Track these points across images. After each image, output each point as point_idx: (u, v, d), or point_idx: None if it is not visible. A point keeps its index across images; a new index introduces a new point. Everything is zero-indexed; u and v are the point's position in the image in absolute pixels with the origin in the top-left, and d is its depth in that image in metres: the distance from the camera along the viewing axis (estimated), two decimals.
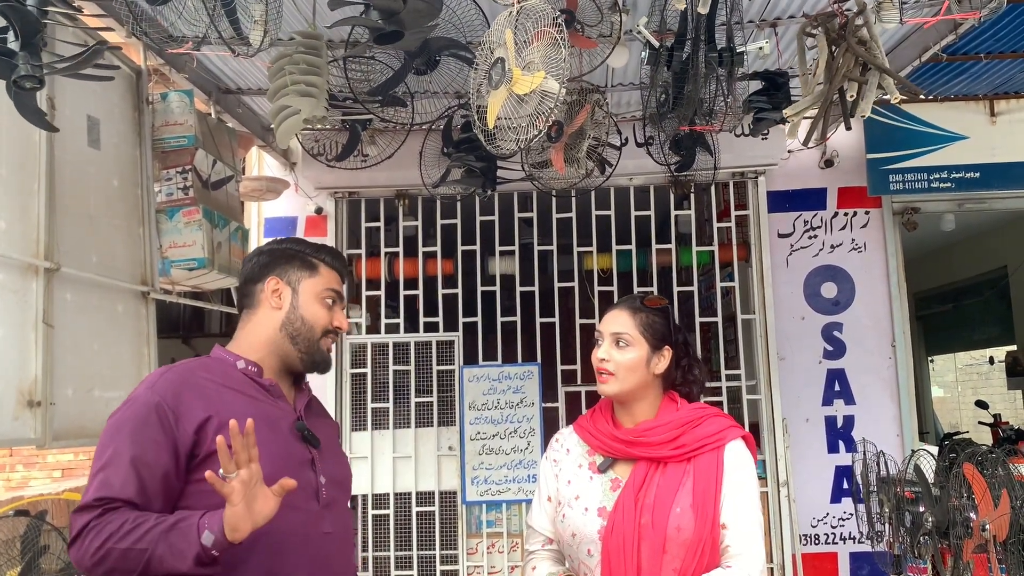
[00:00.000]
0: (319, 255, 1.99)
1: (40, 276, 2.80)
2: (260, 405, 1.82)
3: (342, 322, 1.98)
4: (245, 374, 1.86)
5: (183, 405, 1.71)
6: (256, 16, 2.59)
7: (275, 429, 1.80)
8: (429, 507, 5.03)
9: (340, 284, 2.01)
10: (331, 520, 1.85)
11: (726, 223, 5.22)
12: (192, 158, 3.69)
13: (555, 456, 2.15)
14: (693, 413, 2.04)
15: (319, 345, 1.93)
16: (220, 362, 1.88)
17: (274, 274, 1.94)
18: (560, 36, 2.45)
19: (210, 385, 1.78)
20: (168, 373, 1.78)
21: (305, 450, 1.85)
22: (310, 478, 1.82)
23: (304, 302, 1.93)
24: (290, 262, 1.96)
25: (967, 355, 13.29)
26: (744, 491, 1.95)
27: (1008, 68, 4.48)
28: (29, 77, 2.25)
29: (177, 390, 1.73)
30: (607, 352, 2.03)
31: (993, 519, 3.15)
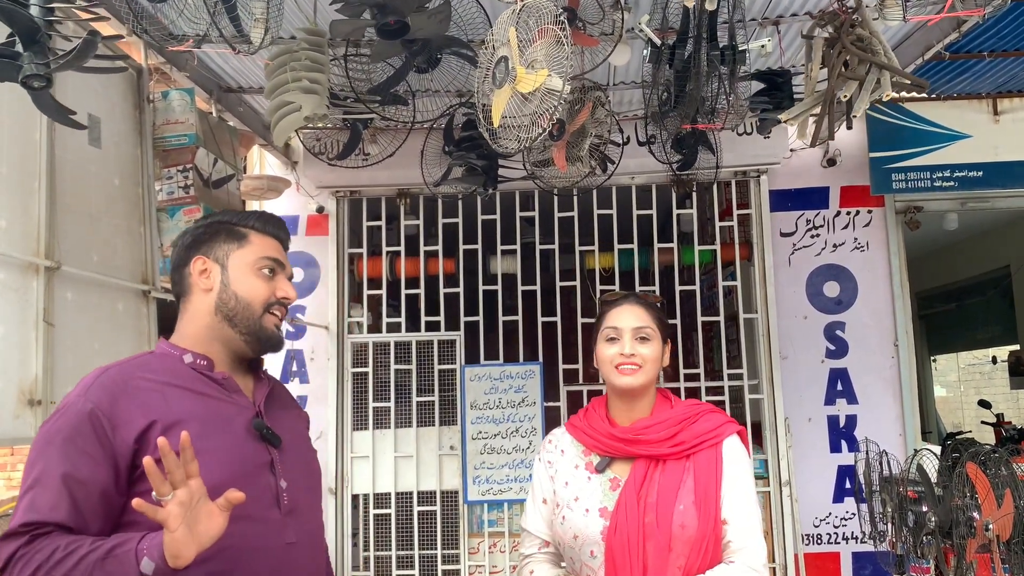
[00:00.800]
0: (247, 222, 1.80)
1: (41, 275, 2.80)
2: (211, 403, 1.65)
3: (286, 291, 1.78)
4: (194, 368, 1.69)
5: (120, 411, 1.54)
6: (257, 14, 2.59)
7: (229, 429, 1.64)
8: (431, 507, 5.02)
9: (278, 250, 1.81)
10: (295, 528, 1.68)
11: (728, 222, 5.21)
12: (193, 157, 3.69)
13: (549, 458, 2.14)
14: (689, 410, 2.04)
15: (262, 323, 1.74)
16: (165, 358, 1.70)
17: (199, 253, 1.76)
18: (564, 34, 2.44)
19: (152, 386, 1.60)
20: (103, 376, 1.60)
21: (264, 451, 1.68)
22: (269, 483, 1.66)
23: (236, 277, 1.74)
24: (215, 237, 1.77)
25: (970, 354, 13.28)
26: (742, 486, 1.96)
27: (1012, 66, 4.47)
28: (35, 76, 2.25)
29: (113, 395, 1.56)
30: (632, 347, 2.02)
31: (996, 519, 3.14)
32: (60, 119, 2.53)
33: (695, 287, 5.16)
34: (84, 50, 2.29)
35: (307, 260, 5.23)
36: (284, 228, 1.87)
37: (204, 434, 1.56)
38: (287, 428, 1.78)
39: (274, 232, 1.83)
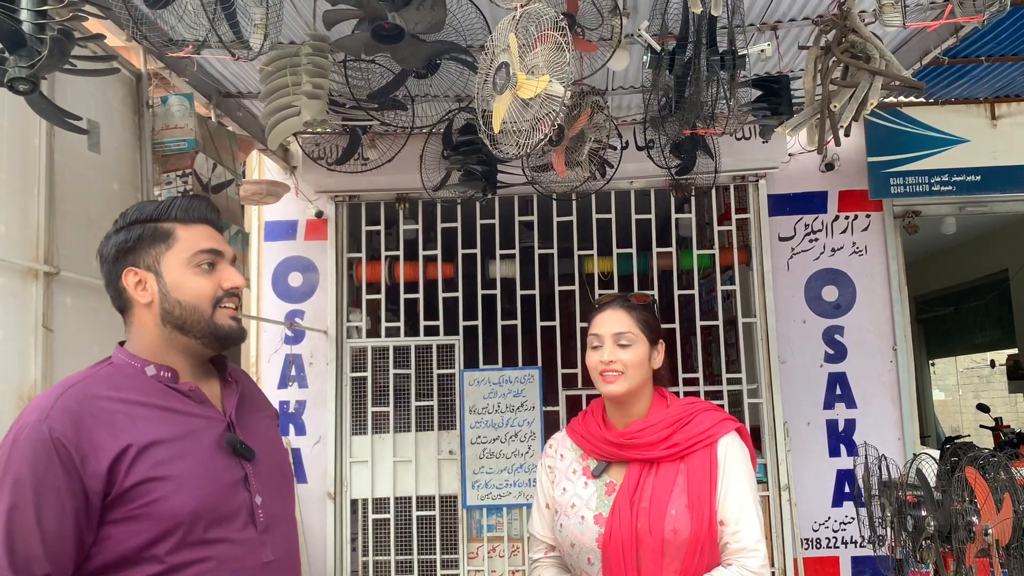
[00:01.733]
0: (169, 216, 1.62)
1: (40, 280, 2.80)
2: (180, 419, 1.54)
3: (233, 280, 1.63)
4: (159, 380, 1.57)
5: (86, 439, 1.41)
6: (256, 20, 2.59)
7: (200, 448, 1.53)
8: (430, 511, 5.02)
9: (211, 237, 1.64)
10: (272, 545, 1.59)
11: (727, 226, 5.21)
12: (192, 162, 3.69)
13: (550, 462, 2.13)
14: (684, 410, 2.01)
15: (215, 322, 1.60)
16: (126, 369, 1.57)
17: (128, 265, 1.60)
18: (564, 40, 2.45)
19: (117, 406, 1.48)
20: (63, 399, 1.45)
21: (237, 466, 1.57)
22: (244, 500, 1.56)
23: (174, 282, 1.58)
24: (140, 243, 1.60)
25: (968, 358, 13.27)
26: (739, 486, 1.91)
27: (1009, 71, 4.48)
28: (19, 79, 2.23)
29: (77, 419, 1.42)
30: (612, 353, 1.99)
31: (996, 523, 3.14)
32: (56, 121, 2.53)
33: (694, 291, 5.17)
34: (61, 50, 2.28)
35: (306, 264, 5.23)
36: (211, 207, 1.69)
37: (176, 456, 1.48)
38: (259, 435, 1.68)
39: (200, 217, 1.65)
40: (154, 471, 1.44)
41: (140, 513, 1.43)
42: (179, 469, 1.47)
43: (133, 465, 1.43)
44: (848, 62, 2.86)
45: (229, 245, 1.68)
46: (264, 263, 5.21)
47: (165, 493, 1.44)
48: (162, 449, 1.46)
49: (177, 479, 1.45)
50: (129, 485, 1.42)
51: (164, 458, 1.46)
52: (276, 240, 5.23)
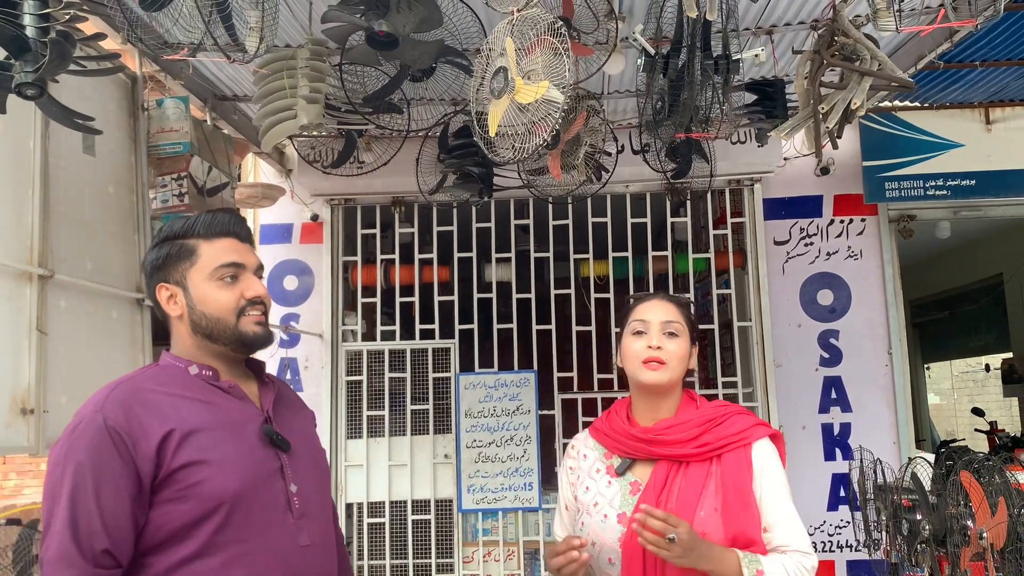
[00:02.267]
0: (193, 232, 1.74)
1: (34, 283, 2.79)
2: (221, 412, 1.66)
3: (255, 291, 1.74)
4: (201, 379, 1.71)
5: (136, 425, 1.56)
6: (252, 23, 2.59)
7: (240, 438, 1.65)
8: (425, 515, 5.01)
9: (233, 250, 1.74)
10: (308, 531, 1.70)
11: (722, 230, 5.22)
12: (187, 165, 3.68)
13: (571, 463, 2.08)
14: (716, 411, 1.95)
15: (240, 329, 1.71)
16: (171, 369, 1.72)
17: (160, 281, 1.75)
18: (562, 45, 2.45)
19: (163, 398, 1.62)
20: (115, 392, 1.61)
21: (274, 456, 1.69)
22: (280, 488, 1.68)
23: (199, 295, 1.71)
24: (168, 260, 1.74)
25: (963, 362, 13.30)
26: (782, 490, 1.87)
27: (1004, 76, 4.50)
28: (26, 84, 2.24)
29: (127, 409, 1.57)
30: (660, 340, 1.93)
31: (990, 527, 3.14)
32: (67, 123, 2.52)
33: (689, 295, 5.17)
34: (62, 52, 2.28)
35: (301, 268, 5.22)
36: (236, 220, 1.78)
37: (217, 443, 1.60)
38: (295, 431, 1.79)
39: (223, 231, 1.75)
40: (197, 455, 1.57)
41: (185, 494, 1.55)
42: (220, 454, 1.59)
43: (179, 448, 1.56)
44: (834, 64, 2.88)
45: (252, 255, 1.78)
46: None
47: (208, 475, 1.57)
48: (204, 436, 1.59)
49: (219, 463, 1.58)
50: (175, 467, 1.55)
51: (206, 443, 1.59)
52: (271, 243, 5.23)
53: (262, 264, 1.81)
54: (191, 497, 1.55)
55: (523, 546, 4.98)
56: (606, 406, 5.16)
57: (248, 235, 1.80)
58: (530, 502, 4.93)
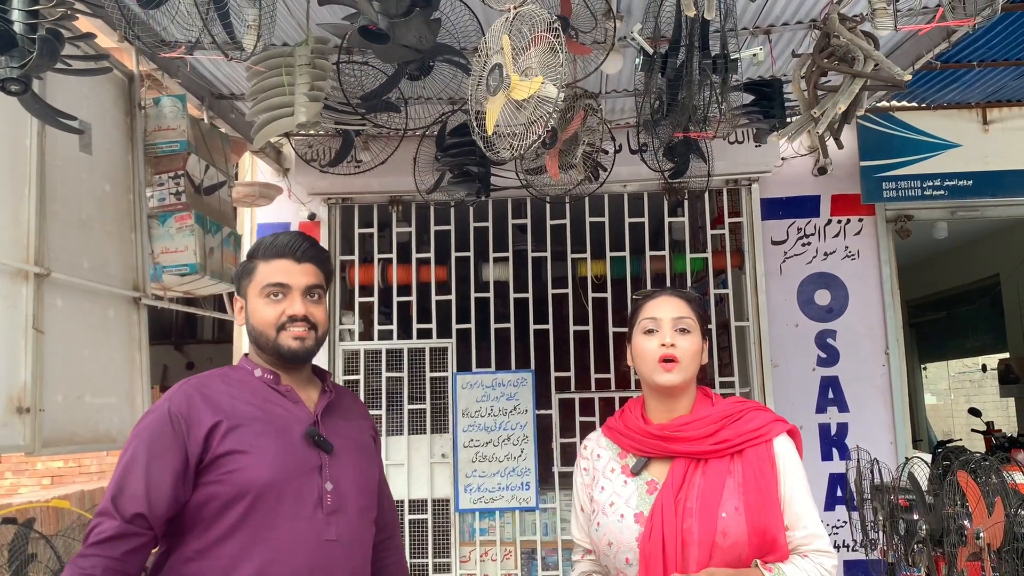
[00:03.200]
0: (255, 254, 1.97)
1: (30, 281, 2.78)
2: (273, 410, 1.86)
3: (294, 309, 1.91)
4: (263, 381, 1.92)
5: (194, 413, 1.78)
6: (249, 20, 2.58)
7: (284, 435, 1.83)
8: (422, 515, 5.01)
9: (284, 272, 1.93)
10: (336, 527, 1.85)
11: (720, 230, 5.22)
12: (184, 163, 3.68)
13: (585, 464, 2.03)
14: (733, 407, 1.91)
15: (278, 342, 1.90)
16: (240, 371, 1.95)
17: (237, 295, 2.01)
18: (558, 42, 2.45)
19: (223, 394, 1.84)
20: (185, 385, 1.85)
21: (315, 456, 1.86)
22: (315, 485, 1.84)
23: (252, 308, 1.94)
24: (241, 277, 1.99)
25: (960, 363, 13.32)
26: (803, 489, 1.83)
27: (1001, 76, 4.50)
28: (11, 80, 2.23)
29: (190, 399, 1.80)
30: (672, 337, 1.90)
31: (987, 527, 3.15)
32: (49, 121, 2.52)
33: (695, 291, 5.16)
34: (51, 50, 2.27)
35: None
36: (292, 244, 1.96)
37: (260, 434, 1.80)
38: (344, 436, 1.95)
39: (278, 253, 1.94)
40: (239, 445, 1.77)
41: (223, 479, 1.75)
42: (260, 446, 1.78)
43: (224, 437, 1.76)
44: (825, 67, 2.88)
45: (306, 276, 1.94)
46: None
47: (245, 464, 1.76)
48: (249, 429, 1.79)
49: (257, 454, 1.77)
50: (219, 453, 1.75)
51: (249, 436, 1.79)
52: None
53: (319, 283, 1.97)
54: (228, 482, 1.74)
55: (520, 546, 4.98)
56: (603, 406, 5.19)
57: (308, 255, 1.96)
58: (527, 502, 4.93)
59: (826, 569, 1.77)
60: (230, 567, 1.73)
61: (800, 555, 1.78)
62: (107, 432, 3.17)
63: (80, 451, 4.62)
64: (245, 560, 1.73)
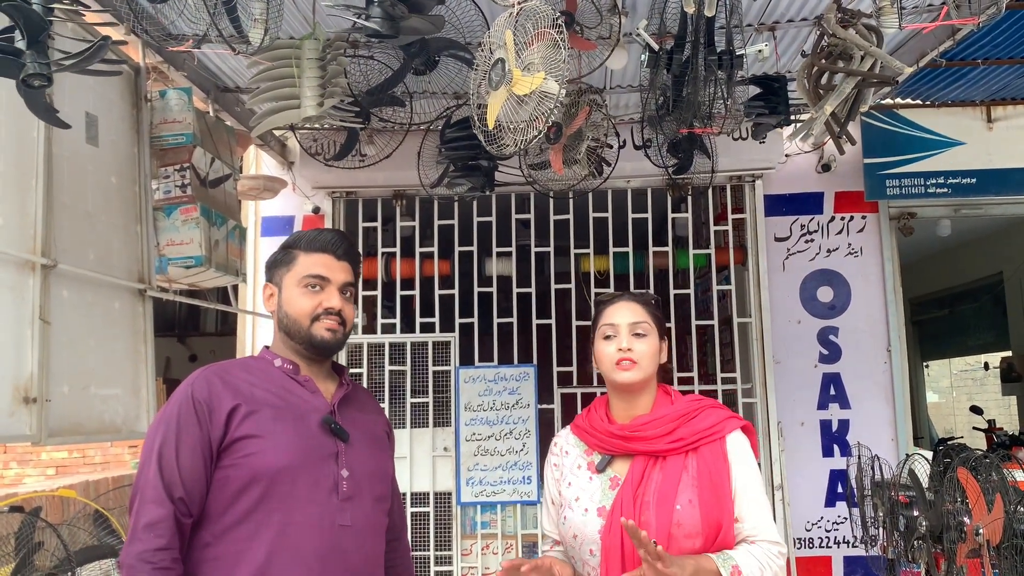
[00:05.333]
0: (296, 244, 2.03)
1: (37, 273, 2.80)
2: (291, 399, 1.90)
3: (332, 303, 1.97)
4: (282, 371, 1.95)
5: (215, 398, 1.82)
6: (256, 14, 2.59)
7: (301, 422, 1.87)
8: (424, 508, 5.03)
9: (325, 264, 1.99)
10: (351, 513, 1.89)
11: (723, 226, 5.22)
12: (190, 156, 3.69)
13: (555, 460, 2.14)
14: (689, 405, 2.02)
15: (311, 332, 1.94)
16: (262, 360, 1.99)
17: (267, 281, 2.05)
18: (560, 37, 2.46)
19: (242, 380, 1.88)
20: (206, 371, 1.89)
21: (331, 443, 1.90)
22: (331, 471, 1.87)
23: (287, 297, 1.98)
24: (276, 264, 2.03)
25: (962, 360, 13.31)
26: (753, 483, 1.93)
27: (1005, 74, 4.50)
28: (37, 75, 2.26)
29: (210, 384, 1.84)
30: (629, 342, 2.01)
31: (987, 524, 3.16)
32: (48, 119, 2.53)
33: (689, 291, 5.18)
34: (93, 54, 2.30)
35: None
36: (336, 240, 2.04)
37: (277, 419, 1.83)
38: (359, 427, 1.99)
39: (320, 247, 2.00)
40: (256, 429, 1.80)
41: (240, 463, 1.79)
42: (276, 431, 1.82)
43: (242, 422, 1.80)
44: (821, 66, 2.89)
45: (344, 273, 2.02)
46: (260, 259, 5.20)
47: (261, 448, 1.80)
48: (266, 415, 1.83)
49: (273, 439, 1.81)
50: (236, 437, 1.79)
51: (266, 421, 1.82)
52: (273, 236, 5.24)
53: (353, 281, 2.05)
54: (243, 466, 1.78)
55: (521, 539, 5.00)
56: None
57: (347, 254, 2.04)
58: (529, 495, 4.95)
59: (773, 555, 1.87)
60: (244, 550, 1.77)
61: (748, 543, 1.89)
62: (112, 423, 3.19)
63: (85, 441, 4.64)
64: (259, 543, 1.77)
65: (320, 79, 3.09)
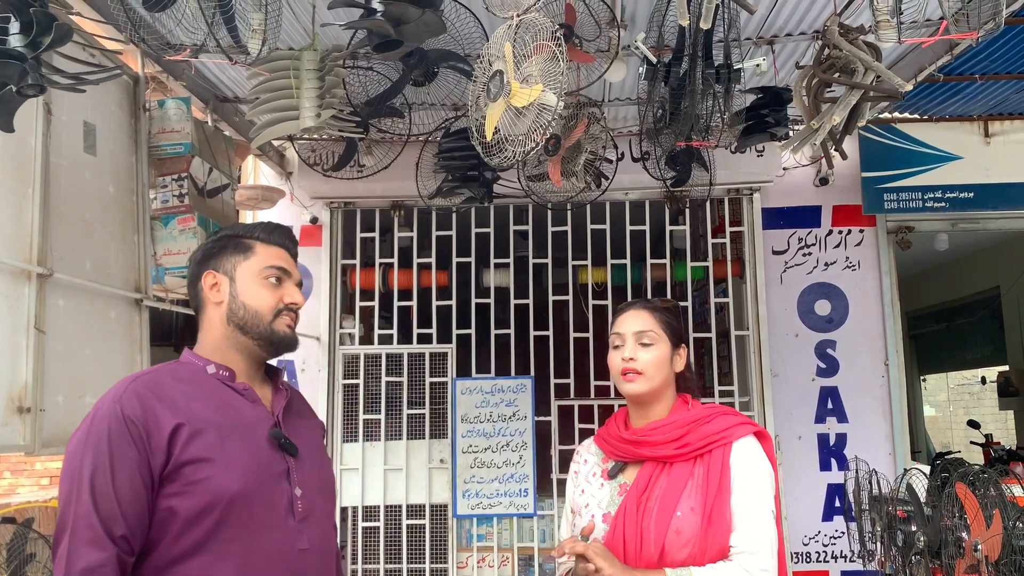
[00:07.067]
0: (253, 233, 1.88)
1: (33, 281, 2.79)
2: (232, 413, 1.71)
3: (294, 297, 1.85)
4: (217, 379, 1.76)
5: (150, 417, 1.60)
6: (255, 25, 2.59)
7: (249, 439, 1.70)
8: (419, 520, 5.00)
9: (284, 259, 1.87)
10: (308, 535, 1.74)
11: (721, 239, 5.23)
12: (188, 165, 3.69)
13: (576, 468, 2.14)
14: (703, 412, 1.98)
15: (273, 327, 1.81)
16: (190, 367, 1.78)
17: (209, 268, 1.84)
18: (559, 50, 2.46)
19: (177, 393, 1.67)
20: (134, 384, 1.65)
21: (281, 460, 1.73)
22: (285, 491, 1.71)
23: (244, 288, 1.81)
24: (223, 251, 1.85)
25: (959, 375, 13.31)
26: (749, 491, 1.86)
27: (1003, 89, 4.51)
28: (35, 86, 2.26)
29: (142, 401, 1.61)
30: (633, 351, 1.99)
31: (985, 539, 3.14)
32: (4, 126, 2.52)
33: (687, 303, 5.18)
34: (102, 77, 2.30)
35: (300, 270, 5.20)
36: (290, 237, 1.93)
37: (225, 442, 1.64)
38: (303, 437, 1.84)
39: (279, 241, 1.89)
40: (205, 452, 1.61)
41: (189, 490, 1.59)
42: (227, 453, 1.63)
43: (187, 443, 1.60)
44: (824, 78, 2.89)
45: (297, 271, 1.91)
46: None
47: (213, 473, 1.60)
48: (213, 434, 1.63)
49: (224, 462, 1.62)
50: (183, 461, 1.59)
51: (214, 442, 1.63)
52: None
53: (302, 281, 1.93)
54: (194, 493, 1.58)
55: (517, 552, 4.97)
56: (602, 413, 5.19)
57: (296, 256, 1.93)
58: (525, 508, 4.93)
59: (746, 568, 1.79)
60: None
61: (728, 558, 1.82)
62: None
63: None
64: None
65: (319, 90, 3.09)
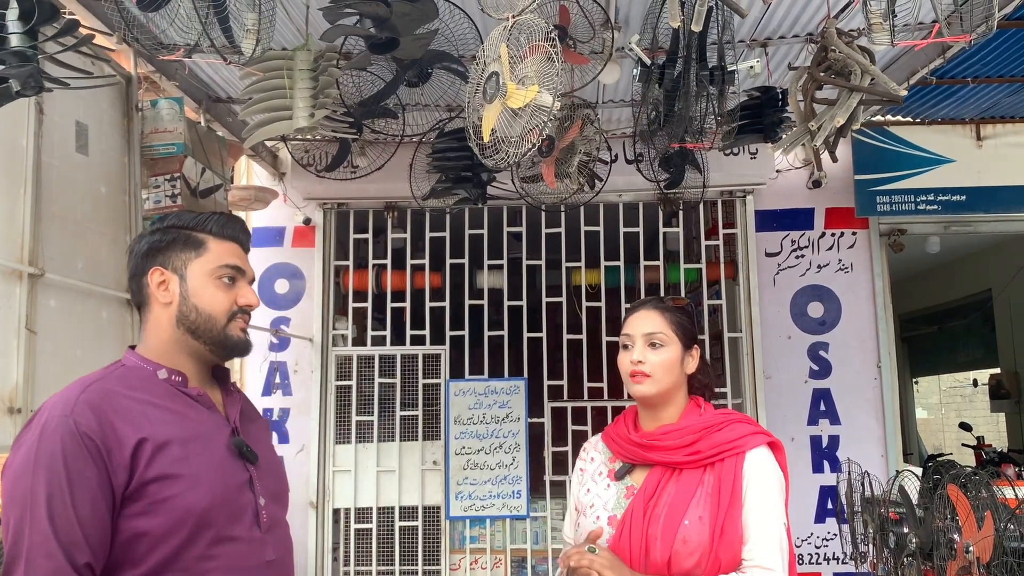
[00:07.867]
0: (205, 226, 1.70)
1: (24, 281, 2.78)
2: (190, 423, 1.58)
3: (249, 299, 1.72)
4: (170, 384, 1.62)
5: (109, 431, 1.46)
6: (249, 25, 2.58)
7: (211, 449, 1.59)
8: (412, 522, 4.99)
9: (237, 255, 1.73)
10: (273, 545, 1.65)
11: (714, 241, 5.24)
12: (181, 166, 3.68)
13: (581, 465, 2.10)
14: (716, 418, 1.93)
15: (227, 332, 1.68)
16: (139, 372, 1.63)
17: (156, 264, 1.67)
18: (554, 51, 2.46)
19: (134, 404, 1.53)
20: (85, 395, 1.50)
21: (243, 469, 1.63)
22: (249, 501, 1.61)
23: (195, 288, 1.66)
24: (172, 246, 1.67)
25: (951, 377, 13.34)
26: (762, 504, 1.83)
27: (995, 92, 4.53)
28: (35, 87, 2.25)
29: (98, 414, 1.47)
30: (641, 354, 1.93)
31: (977, 541, 3.15)
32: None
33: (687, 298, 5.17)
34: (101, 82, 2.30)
35: (293, 272, 5.21)
36: (244, 229, 1.78)
37: (189, 456, 1.53)
38: (259, 442, 1.74)
39: (232, 235, 1.74)
40: (170, 468, 1.49)
41: (154, 509, 1.47)
42: (192, 468, 1.52)
43: (152, 460, 1.48)
44: (822, 80, 2.90)
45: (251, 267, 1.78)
46: None
47: (180, 490, 1.49)
48: (176, 448, 1.51)
49: (191, 477, 1.51)
50: (148, 479, 1.47)
51: (178, 456, 1.51)
52: (263, 246, 5.22)
53: (254, 278, 1.80)
54: (160, 512, 1.47)
55: (510, 554, 4.97)
56: (596, 415, 5.18)
57: (249, 248, 1.80)
58: (518, 510, 4.92)
59: None
60: None
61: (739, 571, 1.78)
62: None
63: None
64: None
65: (312, 90, 3.09)
